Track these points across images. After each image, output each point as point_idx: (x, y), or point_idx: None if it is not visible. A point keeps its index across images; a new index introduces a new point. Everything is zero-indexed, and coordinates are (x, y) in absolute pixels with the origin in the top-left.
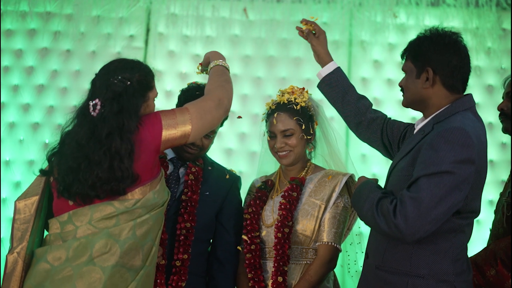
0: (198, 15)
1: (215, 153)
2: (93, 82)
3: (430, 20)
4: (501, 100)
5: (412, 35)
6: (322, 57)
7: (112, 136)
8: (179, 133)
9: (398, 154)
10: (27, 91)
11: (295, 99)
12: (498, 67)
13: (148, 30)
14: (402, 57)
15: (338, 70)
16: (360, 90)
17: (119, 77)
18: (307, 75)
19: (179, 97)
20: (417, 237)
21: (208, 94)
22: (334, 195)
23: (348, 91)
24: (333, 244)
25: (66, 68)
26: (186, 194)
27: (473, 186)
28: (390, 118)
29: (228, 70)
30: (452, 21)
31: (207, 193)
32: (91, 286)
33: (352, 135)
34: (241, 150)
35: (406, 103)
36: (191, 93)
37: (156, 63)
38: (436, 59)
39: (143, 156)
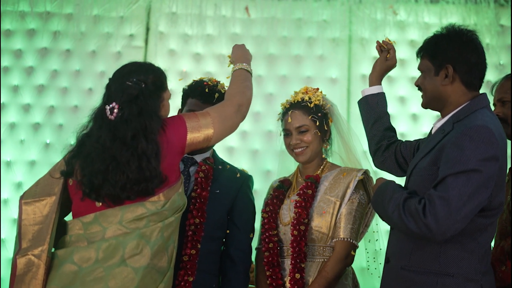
0: (200, 14)
1: (216, 151)
2: (108, 86)
3: (430, 17)
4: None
5: (412, 32)
6: (375, 77)
7: (137, 138)
8: (202, 136)
9: (417, 154)
10: (27, 91)
11: (309, 98)
12: (497, 63)
13: (148, 29)
14: (417, 55)
15: (382, 95)
16: (360, 87)
17: (134, 80)
18: (307, 73)
19: (185, 91)
20: (448, 236)
21: (228, 99)
22: (349, 192)
23: (383, 117)
24: (349, 240)
25: (66, 68)
26: (195, 191)
27: (496, 182)
28: (402, 140)
29: (251, 74)
30: (450, 18)
31: (218, 191)
32: (125, 286)
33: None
34: (242, 148)
35: (426, 102)
36: (196, 88)
37: (156, 62)
38: (455, 57)
39: (168, 158)
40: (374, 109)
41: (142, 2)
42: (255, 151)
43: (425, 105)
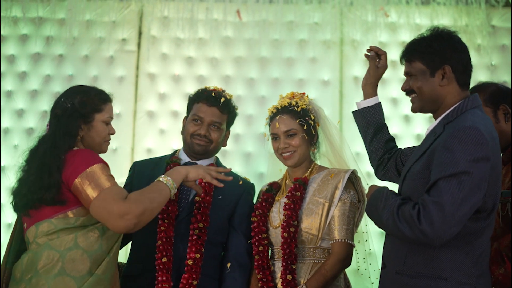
0: (191, 18)
1: None
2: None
3: (421, 18)
4: None
5: (403, 34)
6: (369, 88)
7: (45, 154)
8: (84, 194)
9: (410, 158)
10: (21, 97)
11: (296, 102)
12: (488, 64)
13: (140, 33)
14: (405, 59)
15: (378, 106)
16: (352, 89)
17: (62, 99)
18: (299, 75)
19: (191, 98)
20: (444, 240)
21: (128, 199)
22: (338, 192)
23: (382, 129)
24: (346, 240)
25: (59, 73)
26: (200, 196)
27: (489, 182)
28: (401, 148)
29: (170, 191)
30: (442, 19)
31: (220, 197)
32: None
33: (346, 134)
34: (235, 151)
35: (420, 105)
36: (202, 93)
37: (149, 66)
38: (452, 57)
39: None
40: (372, 122)
41: (134, 6)
42: (248, 153)
43: (418, 109)
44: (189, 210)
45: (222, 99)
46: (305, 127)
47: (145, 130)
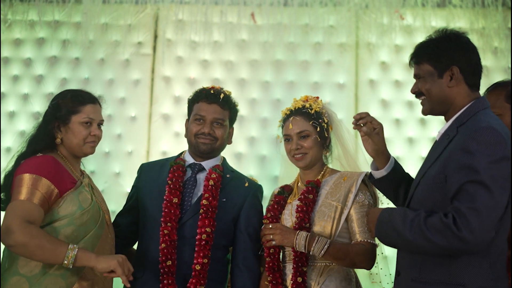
0: (206, 21)
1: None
2: None
3: (437, 21)
4: None
5: (419, 37)
6: (381, 155)
7: (18, 157)
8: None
9: (424, 163)
10: (37, 100)
11: (310, 105)
12: (505, 67)
13: (156, 37)
14: (414, 61)
15: (393, 170)
16: (367, 93)
17: (49, 104)
18: (314, 79)
19: (190, 99)
20: (485, 246)
21: (28, 224)
22: (351, 196)
23: (401, 184)
24: (370, 241)
25: (75, 76)
26: (207, 199)
27: None
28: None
29: (64, 260)
30: (458, 22)
31: (224, 199)
32: None
33: (359, 138)
34: (250, 154)
35: (430, 108)
36: (200, 92)
37: (164, 69)
38: (460, 58)
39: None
40: (401, 178)
41: (149, 10)
42: (263, 156)
43: (428, 111)
44: (192, 213)
45: (222, 95)
46: (318, 129)
47: (160, 133)
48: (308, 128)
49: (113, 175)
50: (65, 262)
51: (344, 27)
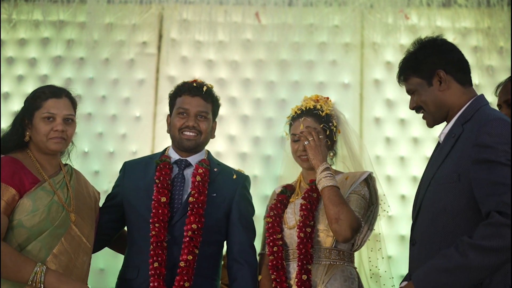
0: (211, 21)
1: (229, 158)
2: None
3: (442, 21)
4: None
5: (424, 36)
6: None
7: None
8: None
9: (431, 163)
10: None
11: (321, 106)
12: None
13: (160, 36)
14: (402, 79)
15: None
16: (372, 92)
17: None
18: (319, 78)
19: (171, 94)
20: None
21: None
22: (352, 187)
23: None
24: (363, 221)
25: (79, 76)
26: (193, 196)
27: None
28: None
29: (29, 279)
30: (463, 21)
31: (214, 194)
32: None
33: (366, 137)
34: (255, 154)
35: (432, 118)
36: (182, 86)
37: (169, 69)
38: (441, 60)
39: None
40: None
41: (154, 9)
42: (268, 156)
43: (432, 122)
44: (183, 212)
45: (205, 88)
46: (327, 132)
47: (165, 133)
48: (319, 130)
49: (117, 174)
50: (31, 280)
51: (349, 27)
